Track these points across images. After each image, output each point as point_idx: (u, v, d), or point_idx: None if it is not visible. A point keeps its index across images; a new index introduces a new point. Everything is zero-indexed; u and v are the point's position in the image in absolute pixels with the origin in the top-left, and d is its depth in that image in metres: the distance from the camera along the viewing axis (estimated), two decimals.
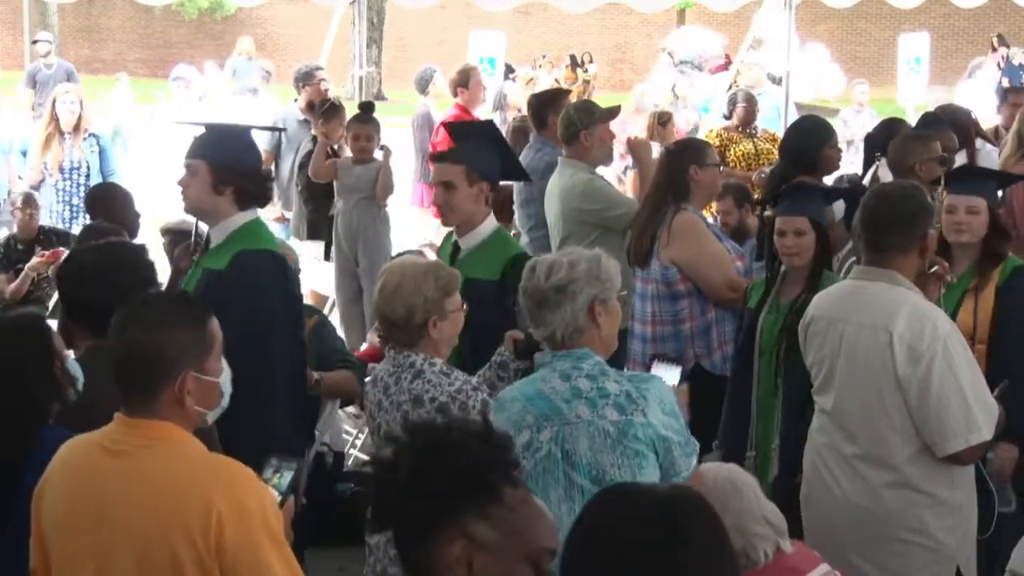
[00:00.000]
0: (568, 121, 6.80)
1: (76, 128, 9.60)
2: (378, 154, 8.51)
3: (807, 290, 5.12)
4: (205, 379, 3.01)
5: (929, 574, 4.33)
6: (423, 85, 11.37)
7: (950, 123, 8.20)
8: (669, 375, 4.21)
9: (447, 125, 5.44)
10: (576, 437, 3.54)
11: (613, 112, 7.07)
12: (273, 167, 9.57)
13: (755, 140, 9.66)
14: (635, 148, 7.26)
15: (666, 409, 3.58)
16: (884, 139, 7.81)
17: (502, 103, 12.03)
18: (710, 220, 6.54)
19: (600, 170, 7.07)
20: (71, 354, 3.89)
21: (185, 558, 2.85)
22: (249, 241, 4.78)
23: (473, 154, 5.32)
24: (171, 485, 2.90)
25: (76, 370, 3.72)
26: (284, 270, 4.87)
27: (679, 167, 6.01)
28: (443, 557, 2.27)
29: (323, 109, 9.02)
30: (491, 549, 2.28)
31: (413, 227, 11.08)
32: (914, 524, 4.28)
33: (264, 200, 5.04)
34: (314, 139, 9.00)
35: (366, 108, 8.66)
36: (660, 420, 3.55)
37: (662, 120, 10.12)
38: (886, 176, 6.98)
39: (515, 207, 7.40)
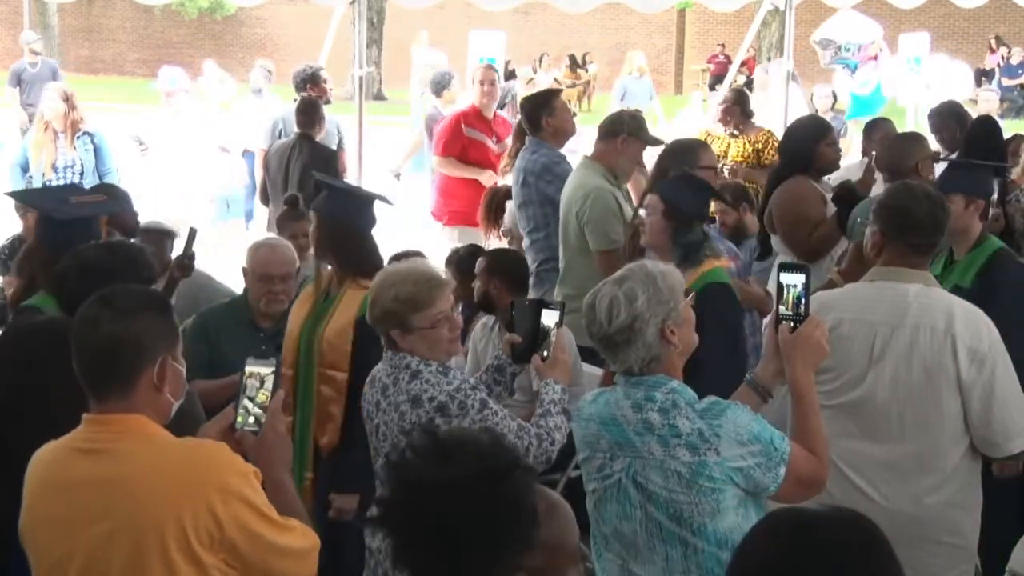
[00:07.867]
0: (616, 120, 6.69)
1: (69, 127, 9.39)
2: None
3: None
4: (178, 366, 3.04)
5: (957, 573, 4.33)
6: (439, 88, 11.37)
7: (950, 121, 8.23)
8: None
9: None
10: (648, 472, 3.42)
11: (658, 141, 6.79)
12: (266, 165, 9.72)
13: (748, 140, 9.61)
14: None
15: (743, 439, 3.37)
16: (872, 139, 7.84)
17: (506, 101, 12.08)
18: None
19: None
20: None
21: (174, 548, 2.84)
22: None
23: None
24: (152, 478, 2.88)
25: None
26: None
27: (680, 167, 5.98)
28: None
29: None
30: (541, 571, 2.30)
31: (415, 227, 11.07)
32: (951, 526, 4.27)
33: None
34: (301, 136, 9.09)
35: (292, 203, 7.51)
36: (736, 453, 3.36)
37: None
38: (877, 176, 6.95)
39: (514, 209, 7.36)
